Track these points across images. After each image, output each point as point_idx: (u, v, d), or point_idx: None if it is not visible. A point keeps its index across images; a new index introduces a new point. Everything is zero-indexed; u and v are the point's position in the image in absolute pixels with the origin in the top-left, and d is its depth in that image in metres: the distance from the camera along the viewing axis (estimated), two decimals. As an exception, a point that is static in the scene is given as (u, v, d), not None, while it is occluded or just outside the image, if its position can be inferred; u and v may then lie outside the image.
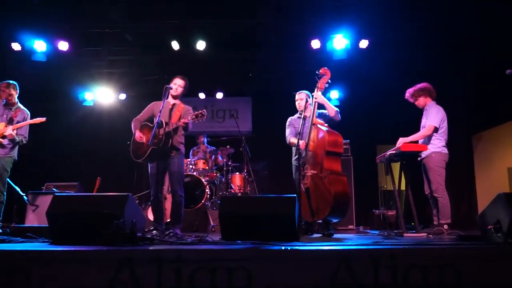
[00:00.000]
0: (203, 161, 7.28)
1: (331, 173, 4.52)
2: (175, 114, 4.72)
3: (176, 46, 7.49)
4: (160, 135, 4.50)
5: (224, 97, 9.39)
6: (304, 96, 5.18)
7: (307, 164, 4.78)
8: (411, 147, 4.83)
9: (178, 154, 4.69)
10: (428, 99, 5.20)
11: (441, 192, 4.86)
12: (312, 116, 4.85)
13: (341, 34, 7.26)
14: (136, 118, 4.84)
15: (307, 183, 4.70)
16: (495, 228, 3.17)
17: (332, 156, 4.66)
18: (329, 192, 4.42)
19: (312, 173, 4.65)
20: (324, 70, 5.06)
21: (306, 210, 4.70)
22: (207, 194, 6.80)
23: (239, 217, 3.48)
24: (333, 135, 4.71)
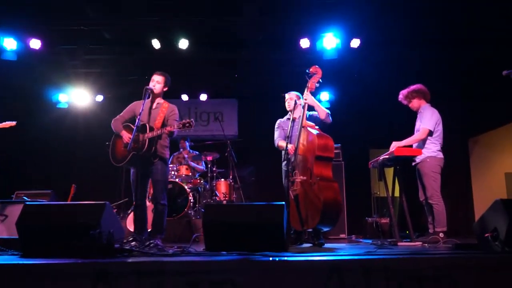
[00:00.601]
0: (186, 167, 7.24)
1: (321, 179, 4.50)
2: (159, 115, 4.67)
3: (157, 45, 7.46)
4: (142, 141, 4.46)
5: (208, 99, 9.38)
6: (294, 96, 5.18)
7: (296, 169, 4.78)
8: (405, 152, 4.87)
9: (161, 161, 4.64)
10: (422, 101, 5.26)
11: (436, 198, 4.91)
12: (302, 118, 4.85)
13: (332, 33, 7.31)
14: (116, 118, 4.77)
15: (296, 190, 4.71)
16: (492, 236, 3.21)
17: (322, 161, 4.63)
18: (319, 199, 4.41)
19: (301, 179, 4.66)
20: (315, 69, 5.02)
21: (295, 219, 4.71)
22: (190, 202, 6.77)
23: (224, 226, 3.46)
24: (323, 138, 4.68)
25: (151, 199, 5.93)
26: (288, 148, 4.85)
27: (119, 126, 4.70)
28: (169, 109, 4.74)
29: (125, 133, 4.59)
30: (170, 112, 4.74)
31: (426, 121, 5.05)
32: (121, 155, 4.59)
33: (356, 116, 8.54)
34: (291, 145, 4.86)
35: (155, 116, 4.67)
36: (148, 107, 4.68)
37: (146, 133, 4.47)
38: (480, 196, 7.96)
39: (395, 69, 7.69)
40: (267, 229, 3.40)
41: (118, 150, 4.65)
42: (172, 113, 4.73)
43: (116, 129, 4.71)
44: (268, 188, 8.11)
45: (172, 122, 4.66)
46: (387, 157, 4.96)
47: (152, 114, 4.67)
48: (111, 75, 8.57)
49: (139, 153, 4.44)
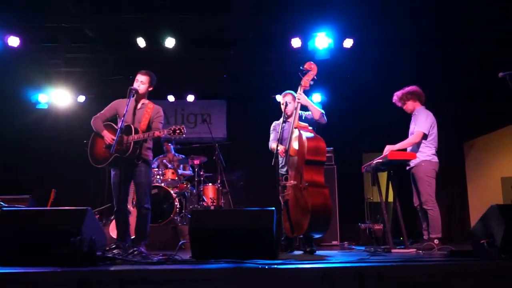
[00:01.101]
0: (172, 171, 7.22)
1: (310, 184, 4.49)
2: (144, 116, 4.65)
3: (142, 43, 7.43)
4: (127, 143, 4.43)
5: (195, 100, 9.36)
6: (290, 96, 5.17)
7: (290, 172, 4.79)
8: (399, 156, 4.90)
9: (145, 163, 4.63)
10: (417, 103, 5.31)
11: (431, 204, 4.95)
12: (294, 118, 4.85)
13: (324, 32, 7.34)
14: (97, 116, 4.73)
15: (287, 195, 4.72)
16: (488, 242, 3.24)
17: (312, 165, 4.60)
18: (307, 205, 4.42)
19: (292, 184, 4.66)
20: (309, 65, 4.99)
21: (286, 225, 4.72)
22: (176, 207, 6.75)
23: (211, 233, 3.46)
24: (314, 141, 4.64)
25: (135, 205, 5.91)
26: (279, 150, 4.85)
27: (100, 125, 4.67)
28: (154, 111, 4.73)
29: (107, 133, 4.56)
30: (156, 114, 4.72)
31: (421, 124, 5.10)
32: (102, 156, 4.56)
33: (349, 119, 8.58)
34: (281, 147, 4.87)
35: (140, 117, 4.65)
36: (133, 107, 4.66)
37: (131, 136, 4.44)
38: (476, 201, 8.04)
39: (389, 70, 7.74)
40: (256, 236, 3.40)
41: (99, 150, 4.62)
42: (157, 115, 4.72)
43: (96, 128, 4.67)
44: (258, 193, 8.12)
45: (157, 124, 4.65)
46: (381, 161, 4.99)
47: (136, 115, 4.65)
48: (94, 75, 8.51)
49: (122, 155, 4.41)
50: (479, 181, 8.17)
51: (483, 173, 8.14)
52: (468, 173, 8.32)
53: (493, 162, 8.04)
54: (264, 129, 5.35)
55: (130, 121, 4.60)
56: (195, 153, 7.57)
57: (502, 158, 7.89)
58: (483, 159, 8.22)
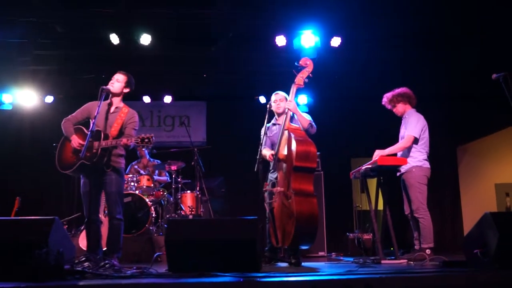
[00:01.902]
0: (147, 177, 7.17)
1: (297, 193, 4.46)
2: (116, 121, 4.60)
3: (116, 40, 7.37)
4: (95, 149, 4.38)
5: (173, 101, 9.32)
6: (283, 97, 5.16)
7: (279, 178, 4.78)
8: (389, 161, 4.95)
9: (115, 171, 4.57)
10: (407, 106, 5.37)
11: (423, 212, 5.00)
12: (285, 120, 4.84)
13: (310, 30, 7.38)
14: (68, 118, 4.69)
15: (273, 202, 4.71)
16: (482, 252, 3.28)
17: (300, 172, 4.57)
18: (292, 214, 4.41)
19: (279, 191, 4.65)
20: (305, 61, 4.99)
21: (272, 234, 4.72)
22: (152, 216, 6.69)
23: (189, 244, 3.44)
24: (303, 145, 4.60)
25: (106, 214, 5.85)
26: (267, 155, 4.85)
27: (69, 128, 4.62)
28: (128, 115, 4.67)
29: (75, 137, 4.51)
30: (129, 118, 4.67)
31: (411, 127, 5.15)
32: (69, 161, 4.51)
33: (336, 122, 8.63)
34: (269, 152, 4.87)
35: (112, 121, 4.60)
36: (106, 110, 4.62)
37: (99, 142, 4.39)
38: (469, 209, 8.15)
39: (379, 71, 7.80)
40: (238, 247, 3.40)
41: (66, 155, 4.57)
42: (131, 120, 4.67)
43: (66, 131, 4.63)
44: (240, 201, 8.12)
45: (129, 131, 4.61)
46: (370, 167, 5.03)
47: (109, 119, 4.61)
48: (63, 73, 8.41)
49: (89, 162, 4.36)
50: (472, 187, 8.28)
51: (477, 179, 8.26)
52: (461, 179, 8.43)
53: (487, 168, 8.16)
54: (247, 133, 5.36)
55: (102, 125, 4.55)
56: (172, 158, 7.52)
57: (497, 163, 8.01)
58: (477, 164, 8.34)
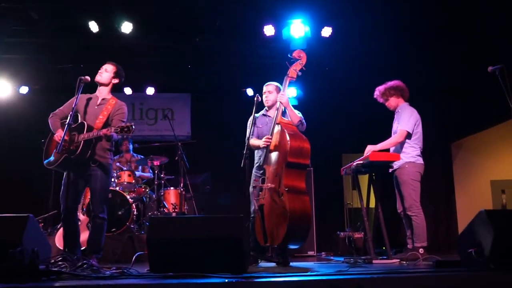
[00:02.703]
0: (129, 173, 7.13)
1: (290, 190, 4.49)
2: (103, 113, 4.58)
3: (95, 28, 7.31)
4: (77, 142, 4.35)
5: (156, 93, 9.28)
6: (273, 88, 5.19)
7: (268, 174, 4.78)
8: (381, 157, 4.97)
9: (102, 166, 4.55)
10: (400, 99, 5.39)
11: (416, 210, 5.03)
12: (277, 113, 4.87)
13: (300, 20, 7.38)
14: (55, 113, 4.67)
15: (263, 199, 4.70)
16: (476, 251, 3.31)
17: (293, 169, 4.60)
18: (285, 212, 4.42)
19: (269, 187, 4.65)
20: (298, 53, 5.05)
21: (259, 232, 4.71)
22: (133, 214, 6.67)
23: (172, 243, 3.42)
24: (297, 140, 4.63)
25: (85, 212, 5.81)
26: (259, 144, 4.84)
27: (56, 123, 4.61)
28: (115, 107, 4.66)
29: (60, 131, 4.48)
30: (116, 110, 4.65)
31: (404, 122, 5.18)
32: (54, 157, 4.47)
33: (327, 116, 8.65)
34: (264, 138, 4.85)
35: (97, 113, 4.59)
36: (91, 102, 4.63)
37: (82, 134, 4.37)
38: (464, 206, 8.23)
39: (371, 63, 7.83)
40: (223, 246, 3.39)
41: (52, 150, 4.54)
42: (118, 112, 4.65)
43: (52, 126, 4.61)
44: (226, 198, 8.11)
45: (116, 122, 4.58)
46: (362, 163, 5.05)
47: (94, 111, 4.60)
48: (39, 63, 8.33)
49: (71, 156, 4.33)
50: (467, 184, 8.36)
51: (472, 176, 8.34)
52: (456, 176, 8.50)
53: (483, 164, 8.24)
54: (233, 127, 5.34)
55: (88, 118, 4.54)
56: (155, 153, 7.49)
57: (492, 159, 8.09)
58: (472, 160, 8.41)
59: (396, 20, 7.21)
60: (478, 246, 3.33)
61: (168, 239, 3.45)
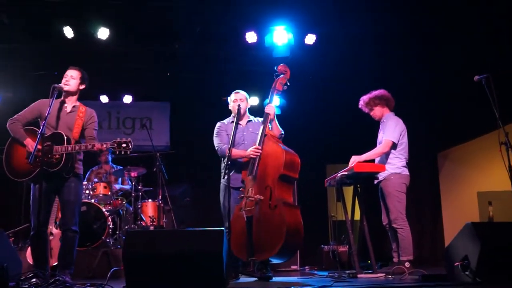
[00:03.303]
0: (104, 184, 7.07)
1: (285, 203, 4.55)
2: (76, 122, 4.53)
3: (70, 33, 7.28)
4: (58, 155, 4.29)
5: (134, 101, 9.24)
6: (244, 96, 5.24)
7: (250, 184, 4.76)
8: (366, 168, 5.00)
9: (76, 177, 4.51)
10: (385, 109, 5.45)
11: (401, 222, 5.08)
12: (265, 125, 4.92)
13: (283, 26, 7.43)
14: (15, 118, 4.55)
15: (250, 210, 4.67)
16: (462, 265, 3.35)
17: (285, 182, 4.71)
18: (281, 226, 4.43)
19: (258, 199, 4.63)
20: (284, 67, 5.24)
21: (243, 245, 4.66)
22: (109, 228, 6.61)
23: (150, 258, 3.40)
24: (290, 154, 4.75)
25: (58, 225, 5.75)
26: (250, 152, 4.81)
27: (20, 131, 4.48)
28: (87, 115, 4.62)
29: (30, 141, 4.40)
30: (89, 118, 4.63)
31: (390, 132, 5.23)
32: (24, 168, 4.38)
33: (310, 125, 8.69)
34: (252, 148, 4.83)
35: (71, 123, 4.54)
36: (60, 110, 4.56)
37: (63, 146, 4.31)
38: (450, 219, 8.29)
39: (356, 71, 7.90)
40: (203, 261, 3.38)
41: (19, 161, 4.43)
42: (91, 120, 4.63)
43: (16, 134, 4.48)
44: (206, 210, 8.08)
45: (91, 132, 4.56)
46: (346, 174, 5.07)
47: (65, 119, 4.54)
48: (10, 69, 8.24)
49: (51, 169, 4.27)
50: (454, 196, 8.43)
51: (459, 187, 8.41)
52: (442, 187, 8.57)
53: (470, 175, 8.32)
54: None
55: (58, 127, 4.48)
56: (132, 163, 7.44)
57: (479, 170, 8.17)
58: (459, 171, 8.49)
59: (381, 28, 7.29)
60: (465, 260, 3.37)
61: (146, 254, 3.43)
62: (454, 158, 8.60)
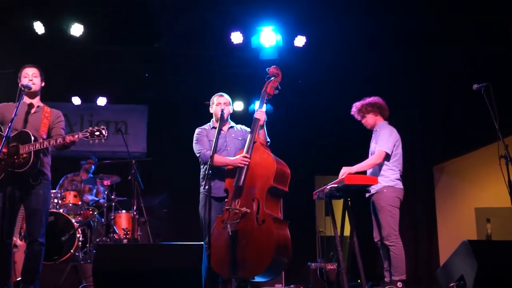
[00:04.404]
0: (75, 193, 7.03)
1: (274, 218, 4.51)
2: (43, 121, 4.52)
3: (41, 29, 7.23)
4: (26, 154, 4.27)
5: (108, 103, 9.20)
6: (228, 101, 5.21)
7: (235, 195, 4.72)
8: (357, 180, 5.01)
9: (44, 183, 4.49)
10: (378, 117, 5.47)
11: (394, 239, 5.09)
12: (255, 131, 4.89)
13: (271, 27, 7.45)
14: None
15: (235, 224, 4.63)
16: (458, 285, 3.37)
17: (274, 195, 4.67)
18: (269, 242, 4.41)
19: (245, 211, 4.60)
20: (275, 70, 5.20)
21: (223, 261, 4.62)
22: (79, 240, 6.58)
23: (122, 274, 3.38)
24: (280, 164, 4.71)
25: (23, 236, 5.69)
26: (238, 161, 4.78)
27: None
28: (53, 115, 4.64)
29: None
30: (56, 118, 4.64)
31: (383, 142, 5.24)
32: None
33: (298, 133, 8.71)
34: (241, 156, 4.79)
35: (36, 123, 4.53)
36: (25, 111, 4.53)
37: (30, 144, 4.29)
38: (446, 236, 8.32)
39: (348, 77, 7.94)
40: (180, 278, 3.37)
41: None
42: (58, 120, 4.65)
43: None
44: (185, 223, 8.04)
45: (58, 131, 4.58)
46: (336, 186, 5.06)
47: (30, 121, 4.52)
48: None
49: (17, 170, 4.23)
50: (450, 212, 8.47)
51: (455, 203, 8.46)
52: (438, 203, 8.61)
53: (467, 190, 8.37)
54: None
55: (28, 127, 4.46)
56: (105, 171, 7.41)
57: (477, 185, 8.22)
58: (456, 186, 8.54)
59: (375, 32, 7.34)
60: (461, 280, 3.39)
61: (118, 270, 3.41)
62: (450, 172, 8.65)
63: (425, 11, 6.94)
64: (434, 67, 7.73)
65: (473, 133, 7.55)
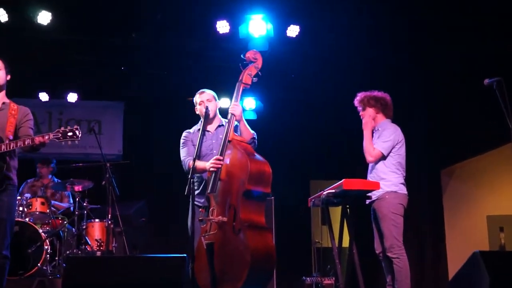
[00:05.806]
0: (42, 200, 7.00)
1: (251, 225, 4.47)
2: (9, 120, 4.49)
3: (4, 17, 7.20)
4: None
5: (79, 100, 9.16)
6: (211, 96, 5.17)
7: (213, 204, 4.72)
8: (357, 185, 5.00)
9: (10, 190, 4.44)
10: (380, 115, 5.46)
11: (398, 250, 5.09)
12: (229, 128, 4.82)
13: (261, 15, 7.46)
14: None
15: (211, 235, 4.64)
16: (469, 301, 3.39)
17: (253, 199, 4.59)
18: (245, 252, 4.38)
19: (220, 221, 4.60)
20: (253, 54, 5.06)
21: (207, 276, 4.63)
22: (47, 252, 6.55)
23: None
24: (257, 162, 4.62)
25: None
26: (208, 165, 4.76)
27: None
28: (21, 113, 4.60)
29: None
30: (24, 116, 4.60)
31: (381, 141, 5.23)
32: None
33: (292, 133, 8.72)
34: (212, 160, 4.77)
35: (2, 121, 4.50)
36: None
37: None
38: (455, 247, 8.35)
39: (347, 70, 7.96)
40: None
41: None
42: (26, 118, 4.61)
43: None
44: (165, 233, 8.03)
45: (26, 130, 4.54)
46: (334, 192, 5.06)
47: None
48: None
49: None
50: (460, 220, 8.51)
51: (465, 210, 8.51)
52: (446, 210, 8.64)
53: (478, 196, 8.42)
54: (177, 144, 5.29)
55: None
56: (77, 175, 7.38)
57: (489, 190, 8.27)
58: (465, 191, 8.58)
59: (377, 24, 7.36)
60: (471, 294, 3.41)
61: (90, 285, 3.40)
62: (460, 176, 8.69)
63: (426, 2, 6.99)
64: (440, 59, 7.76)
65: (484, 134, 7.57)
